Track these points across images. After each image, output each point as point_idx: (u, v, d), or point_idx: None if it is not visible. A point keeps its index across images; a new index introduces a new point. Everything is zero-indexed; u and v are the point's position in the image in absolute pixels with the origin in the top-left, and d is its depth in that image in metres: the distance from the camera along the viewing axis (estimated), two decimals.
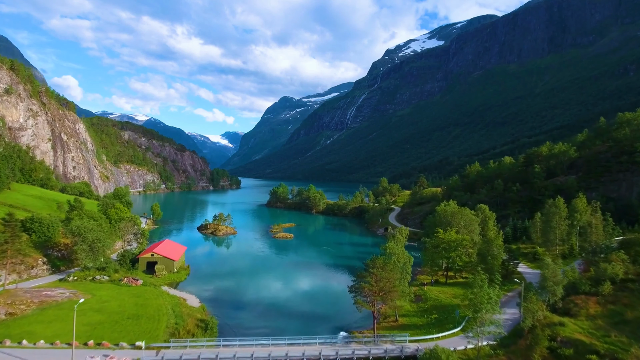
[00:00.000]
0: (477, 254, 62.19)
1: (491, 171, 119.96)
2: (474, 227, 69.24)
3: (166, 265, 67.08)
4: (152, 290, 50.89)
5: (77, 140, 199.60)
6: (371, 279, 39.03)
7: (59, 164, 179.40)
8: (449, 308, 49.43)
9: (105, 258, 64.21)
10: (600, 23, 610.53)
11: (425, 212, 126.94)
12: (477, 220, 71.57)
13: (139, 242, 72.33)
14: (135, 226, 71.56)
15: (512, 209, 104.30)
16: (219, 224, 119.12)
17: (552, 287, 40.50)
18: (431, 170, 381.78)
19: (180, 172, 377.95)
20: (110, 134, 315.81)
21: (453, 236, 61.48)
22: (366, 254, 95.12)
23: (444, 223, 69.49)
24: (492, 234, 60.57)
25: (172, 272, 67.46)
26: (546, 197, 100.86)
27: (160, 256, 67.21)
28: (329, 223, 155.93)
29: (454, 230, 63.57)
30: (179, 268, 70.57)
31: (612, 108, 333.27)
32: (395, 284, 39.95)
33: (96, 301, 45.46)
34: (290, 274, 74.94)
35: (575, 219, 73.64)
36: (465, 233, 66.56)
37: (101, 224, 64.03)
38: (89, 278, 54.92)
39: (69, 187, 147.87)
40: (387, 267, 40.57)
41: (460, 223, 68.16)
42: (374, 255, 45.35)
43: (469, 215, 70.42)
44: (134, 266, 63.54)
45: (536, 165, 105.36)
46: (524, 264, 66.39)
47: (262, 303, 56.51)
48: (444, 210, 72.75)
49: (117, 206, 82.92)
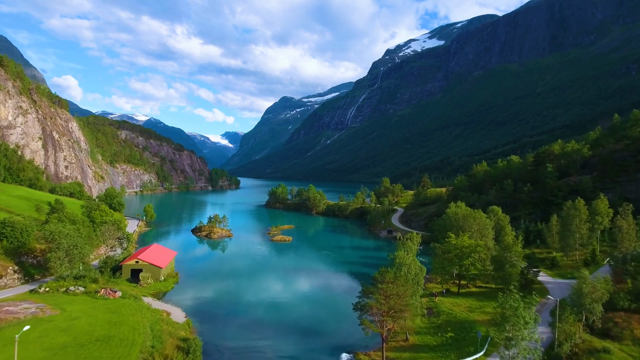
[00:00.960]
0: (490, 260, 56.66)
1: (499, 171, 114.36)
2: (488, 231, 63.62)
3: (152, 273, 61.40)
4: (131, 304, 45.22)
5: (70, 139, 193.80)
6: (380, 295, 33.40)
7: (50, 163, 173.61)
8: (466, 325, 43.81)
9: (85, 265, 58.55)
10: (601, 22, 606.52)
11: (430, 213, 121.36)
12: (491, 224, 65.95)
13: (124, 248, 66.49)
14: (119, 230, 65.66)
15: (523, 211, 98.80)
16: (214, 227, 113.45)
17: (591, 304, 34.89)
18: (432, 170, 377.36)
19: (178, 172, 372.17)
20: (107, 133, 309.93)
21: (466, 242, 55.88)
22: (369, 258, 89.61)
23: (455, 227, 63.85)
24: (510, 240, 54.88)
25: (159, 280, 61.78)
26: (559, 198, 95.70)
27: (146, 263, 61.52)
28: (329, 225, 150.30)
29: (467, 235, 57.92)
30: (167, 276, 64.90)
31: (615, 107, 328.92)
32: (408, 302, 34.34)
33: (64, 318, 39.79)
34: (288, 282, 69.29)
35: (595, 222, 68.17)
36: (478, 238, 60.98)
37: (79, 229, 58.27)
38: (62, 289, 49.23)
39: (58, 188, 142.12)
40: (399, 282, 34.94)
41: (473, 227, 62.53)
42: (382, 267, 39.62)
43: (483, 218, 64.77)
44: (115, 274, 57.83)
45: (548, 164, 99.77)
46: (544, 272, 60.79)
47: (256, 317, 50.86)
48: (454, 213, 67.03)
49: (102, 208, 77.08)
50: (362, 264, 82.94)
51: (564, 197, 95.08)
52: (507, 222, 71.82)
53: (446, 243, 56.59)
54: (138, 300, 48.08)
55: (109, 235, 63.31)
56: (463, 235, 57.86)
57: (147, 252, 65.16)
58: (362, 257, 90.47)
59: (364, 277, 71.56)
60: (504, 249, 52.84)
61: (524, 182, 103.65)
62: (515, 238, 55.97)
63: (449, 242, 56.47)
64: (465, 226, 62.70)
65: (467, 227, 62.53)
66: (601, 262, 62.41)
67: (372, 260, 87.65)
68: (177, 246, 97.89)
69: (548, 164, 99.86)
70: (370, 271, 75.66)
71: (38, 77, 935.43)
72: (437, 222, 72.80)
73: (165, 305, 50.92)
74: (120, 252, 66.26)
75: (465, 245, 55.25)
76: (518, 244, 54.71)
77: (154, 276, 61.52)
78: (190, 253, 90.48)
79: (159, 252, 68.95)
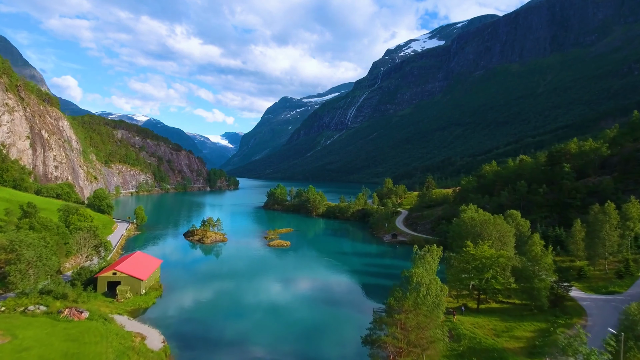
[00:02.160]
0: (512, 272, 49.78)
1: (511, 171, 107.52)
2: (509, 239, 56.67)
3: (131, 286, 54.45)
4: (98, 328, 38.26)
5: (60, 138, 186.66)
6: (396, 328, 26.53)
7: (38, 163, 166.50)
8: (494, 355, 36.86)
9: (54, 279, 51.57)
10: (602, 22, 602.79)
11: (437, 216, 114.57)
12: (512, 231, 59.02)
13: (101, 257, 59.51)
14: (95, 237, 58.63)
15: (538, 214, 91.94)
16: (207, 230, 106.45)
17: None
18: (434, 170, 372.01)
19: (175, 172, 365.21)
20: (102, 133, 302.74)
21: (487, 251, 49.03)
22: (375, 266, 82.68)
23: (472, 234, 56.96)
24: (538, 249, 47.98)
25: (139, 294, 54.83)
26: (577, 201, 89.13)
27: (124, 275, 54.57)
28: (330, 228, 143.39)
29: (487, 244, 51.05)
30: (149, 288, 57.94)
31: (618, 107, 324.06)
32: (433, 336, 27.39)
33: (11, 349, 32.85)
34: (284, 295, 62.35)
35: (627, 228, 61.46)
36: (499, 247, 54.13)
37: (45, 237, 51.31)
38: (20, 309, 42.27)
39: (45, 189, 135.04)
40: (421, 310, 27.99)
41: (493, 234, 55.60)
42: (395, 285, 32.70)
43: (504, 225, 57.81)
44: (86, 288, 50.79)
45: (565, 164, 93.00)
46: (574, 286, 53.88)
47: (246, 339, 43.92)
48: (471, 219, 59.92)
49: (81, 212, 69.99)
50: (367, 274, 76.09)
51: (582, 199, 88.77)
52: (528, 227, 64.97)
53: (464, 253, 49.74)
54: (108, 322, 41.09)
55: (83, 244, 56.37)
56: (482, 244, 50.99)
57: (127, 262, 58.21)
58: (367, 265, 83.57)
59: (370, 289, 64.67)
60: (532, 261, 46.04)
61: (538, 183, 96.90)
62: (545, 248, 49.14)
63: (467, 252, 49.64)
64: (484, 233, 55.78)
65: (487, 234, 55.63)
66: (636, 274, 55.68)
67: (378, 268, 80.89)
68: (167, 252, 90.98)
69: (565, 163, 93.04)
70: (378, 282, 69.11)
71: (37, 77, 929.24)
72: (452, 227, 65.44)
73: (142, 326, 44.00)
74: (97, 261, 59.25)
75: (487, 255, 48.42)
76: (548, 254, 47.95)
77: (133, 289, 54.60)
78: (179, 260, 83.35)
79: (142, 261, 62.00)
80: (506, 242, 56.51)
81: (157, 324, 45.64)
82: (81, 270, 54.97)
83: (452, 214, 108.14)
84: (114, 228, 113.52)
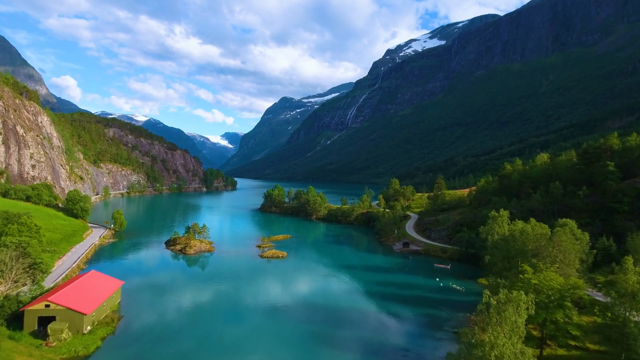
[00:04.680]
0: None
1: (539, 171, 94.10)
2: (572, 260, 42.60)
3: (71, 322, 40.54)
4: None
5: (39, 135, 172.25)
6: None
7: (12, 162, 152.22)
8: None
9: None
10: (605, 21, 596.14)
11: (454, 221, 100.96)
12: (578, 249, 45.08)
13: (35, 282, 45.24)
14: (27, 256, 44.45)
15: (577, 221, 78.57)
16: (191, 238, 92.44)
17: None
18: (436, 170, 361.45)
19: (170, 172, 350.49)
20: (91, 131, 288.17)
21: (555, 280, 35.26)
22: (389, 285, 68.35)
23: (522, 253, 43.17)
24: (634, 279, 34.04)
25: (81, 332, 40.94)
26: (625, 205, 75.88)
27: (61, 307, 40.64)
28: (332, 233, 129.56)
29: (552, 269, 37.26)
30: (99, 323, 44.01)
31: (623, 107, 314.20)
32: None
33: None
34: (275, 328, 48.49)
35: None
36: (562, 271, 40.34)
37: None
38: None
39: (13, 191, 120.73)
40: None
41: (556, 255, 41.49)
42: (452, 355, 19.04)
43: (569, 241, 43.42)
44: (10, 325, 36.95)
45: (609, 162, 79.57)
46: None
47: None
48: (521, 233, 45.02)
49: (24, 220, 55.80)
50: (381, 296, 62.06)
51: (630, 204, 75.66)
52: (587, 242, 50.61)
53: (522, 281, 35.99)
54: None
55: (10, 265, 42.36)
56: (545, 268, 37.20)
57: (69, 289, 44.23)
58: (377, 284, 69.39)
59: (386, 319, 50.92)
60: (627, 297, 32.39)
61: (574, 184, 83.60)
62: (593, 265, 35.44)
63: (526, 281, 35.91)
64: (544, 253, 41.90)
65: (547, 254, 41.77)
66: None
67: (393, 288, 66.76)
68: (140, 266, 76.92)
69: (608, 161, 79.58)
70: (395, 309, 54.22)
71: (36, 77, 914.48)
72: (497, 244, 47.81)
73: None
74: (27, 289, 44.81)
75: (554, 286, 34.68)
76: None
77: (73, 327, 40.68)
78: (152, 278, 68.18)
79: (93, 285, 48.02)
80: (568, 263, 42.71)
81: None
82: (5, 300, 41.00)
83: (472, 220, 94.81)
84: (86, 235, 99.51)
